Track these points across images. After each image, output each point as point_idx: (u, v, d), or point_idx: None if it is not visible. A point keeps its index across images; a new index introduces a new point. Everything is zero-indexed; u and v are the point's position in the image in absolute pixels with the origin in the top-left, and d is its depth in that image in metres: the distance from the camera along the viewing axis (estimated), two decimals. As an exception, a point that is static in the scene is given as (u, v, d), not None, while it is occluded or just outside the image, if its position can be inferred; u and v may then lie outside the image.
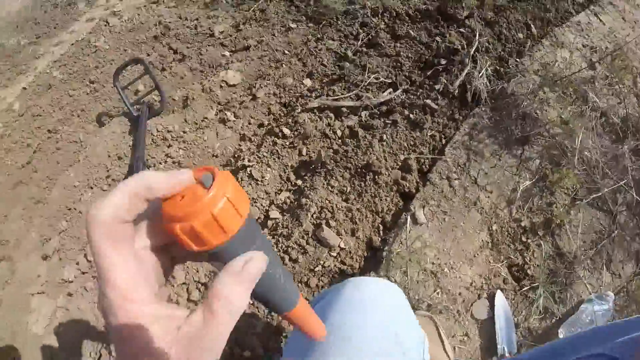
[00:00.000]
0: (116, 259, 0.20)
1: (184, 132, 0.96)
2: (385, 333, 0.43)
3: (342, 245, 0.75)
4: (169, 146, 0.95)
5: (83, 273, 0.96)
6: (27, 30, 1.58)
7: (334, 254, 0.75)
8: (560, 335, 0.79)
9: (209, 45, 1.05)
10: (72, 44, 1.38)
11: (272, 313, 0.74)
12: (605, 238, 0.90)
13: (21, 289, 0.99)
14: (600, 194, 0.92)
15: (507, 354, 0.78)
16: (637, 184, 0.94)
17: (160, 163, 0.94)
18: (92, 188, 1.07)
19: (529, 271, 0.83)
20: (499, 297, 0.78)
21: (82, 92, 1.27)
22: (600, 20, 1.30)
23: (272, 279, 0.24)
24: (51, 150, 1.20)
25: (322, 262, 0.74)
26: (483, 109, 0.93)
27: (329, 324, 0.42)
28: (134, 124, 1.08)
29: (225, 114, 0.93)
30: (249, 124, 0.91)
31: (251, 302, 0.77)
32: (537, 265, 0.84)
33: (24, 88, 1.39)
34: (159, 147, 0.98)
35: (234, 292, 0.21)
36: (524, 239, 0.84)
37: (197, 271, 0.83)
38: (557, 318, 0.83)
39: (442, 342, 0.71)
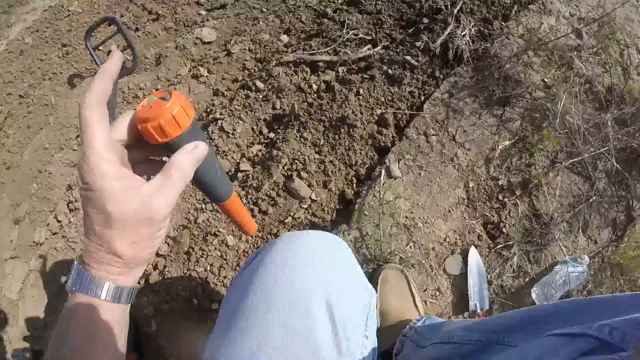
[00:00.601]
0: (98, 131, 0.28)
1: (156, 89, 0.93)
2: (313, 299, 0.38)
3: (314, 197, 0.73)
4: (140, 104, 0.93)
5: (53, 234, 0.96)
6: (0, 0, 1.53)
7: (305, 206, 0.73)
8: (533, 295, 0.79)
9: (184, 4, 1.03)
10: (45, 10, 1.34)
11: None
12: (582, 202, 0.90)
13: None
14: (580, 158, 0.91)
15: (478, 310, 0.78)
16: (618, 152, 0.94)
17: (132, 120, 0.92)
18: (62, 149, 1.05)
19: (504, 229, 0.83)
20: (473, 253, 0.78)
21: (54, 55, 1.24)
22: (590, -8, 1.29)
23: (212, 167, 0.34)
24: (22, 115, 1.18)
25: (292, 214, 0.73)
26: (465, 68, 0.91)
27: (254, 290, 0.39)
28: (107, 83, 1.06)
29: (199, 69, 0.90)
30: (223, 79, 0.89)
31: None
32: (513, 225, 0.84)
33: None
34: (130, 105, 0.96)
35: (186, 163, 0.30)
36: (500, 197, 0.84)
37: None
38: (531, 277, 0.84)
39: (413, 296, 0.71)
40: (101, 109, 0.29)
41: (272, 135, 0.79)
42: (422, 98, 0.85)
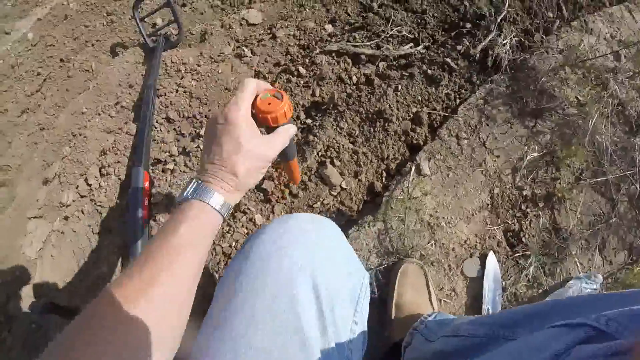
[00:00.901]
0: (246, 101, 0.42)
1: (199, 65, 0.96)
2: (300, 282, 0.38)
3: (344, 185, 0.76)
4: (182, 77, 0.96)
5: (82, 197, 0.97)
6: (47, -39, 1.56)
7: (335, 193, 0.76)
8: None
9: (232, -16, 1.05)
10: None
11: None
12: (602, 222, 0.91)
13: (19, 213, 1.01)
14: (605, 178, 0.93)
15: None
16: (642, 178, 0.94)
17: (171, 92, 0.95)
18: (99, 114, 1.08)
19: (523, 239, 0.84)
20: (491, 258, 0.80)
21: (98, 23, 1.27)
22: (633, 17, 1.29)
23: (292, 140, 0.50)
24: (62, 79, 1.21)
25: (322, 200, 0.75)
26: (502, 77, 0.92)
27: (244, 273, 0.39)
28: (149, 55, 1.09)
29: (243, 49, 0.93)
30: (265, 61, 0.91)
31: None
32: (533, 235, 0.86)
33: (39, 19, 1.39)
34: (171, 78, 0.98)
35: (287, 133, 0.46)
36: (523, 207, 0.86)
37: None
38: (544, 289, 0.85)
39: (429, 292, 0.73)
40: (251, 96, 0.43)
41: (309, 121, 0.82)
42: (458, 101, 0.87)
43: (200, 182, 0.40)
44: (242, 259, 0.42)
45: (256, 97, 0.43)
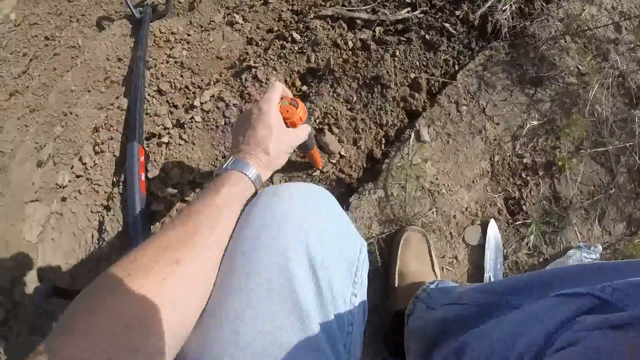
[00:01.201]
0: (275, 101, 0.51)
1: (189, 34, 0.92)
2: (294, 257, 0.37)
3: (343, 153, 0.74)
4: (172, 48, 0.92)
5: (77, 177, 0.94)
6: None
7: (334, 161, 0.74)
8: None
9: (222, -50, 1.01)
10: None
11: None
12: (602, 193, 0.91)
13: (15, 198, 0.98)
14: (604, 149, 0.92)
15: (491, 283, 0.79)
16: (642, 150, 0.94)
17: (162, 64, 0.91)
18: (89, 91, 1.04)
19: (524, 207, 0.84)
20: (492, 226, 0.79)
21: None
22: (634, -11, 1.27)
23: (310, 135, 0.62)
24: (48, 57, 1.16)
25: (321, 168, 0.73)
26: (501, 43, 0.91)
27: (238, 251, 0.38)
28: (136, 26, 1.04)
29: (234, 16, 0.89)
30: (258, 28, 0.88)
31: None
32: (533, 204, 0.85)
33: None
34: (161, 49, 0.95)
35: (306, 129, 0.57)
36: (523, 175, 0.85)
37: (192, 172, 0.82)
38: (545, 258, 0.85)
39: (432, 260, 0.72)
40: (279, 96, 0.53)
41: (304, 88, 0.79)
42: (457, 67, 0.85)
43: (237, 158, 0.48)
44: (236, 236, 0.40)
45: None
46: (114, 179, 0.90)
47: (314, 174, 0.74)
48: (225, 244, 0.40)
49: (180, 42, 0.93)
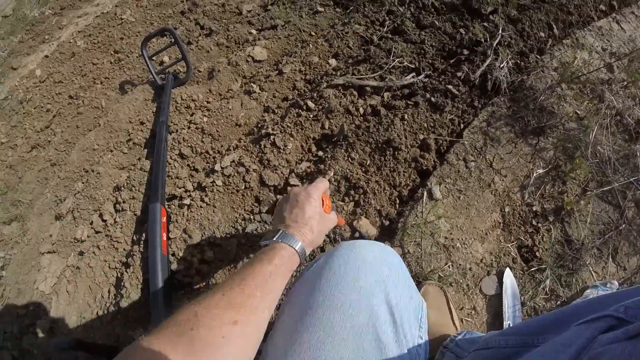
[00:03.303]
0: (320, 190, 0.63)
1: (208, 101, 1.04)
2: (377, 300, 0.44)
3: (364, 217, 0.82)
4: (192, 114, 1.03)
5: (97, 232, 1.00)
6: (52, 1, 1.68)
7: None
8: None
9: (236, 23, 1.14)
10: (97, 16, 1.47)
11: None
12: (612, 230, 0.97)
13: (31, 248, 1.05)
14: (610, 187, 1.00)
15: (512, 332, 0.85)
16: (647, 183, 1.02)
17: (183, 129, 1.02)
18: (112, 151, 1.13)
19: (537, 253, 0.90)
20: (508, 275, 0.85)
21: (105, 61, 1.35)
22: (622, 28, 1.40)
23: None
24: (71, 115, 1.27)
25: (338, 230, 0.82)
26: (502, 99, 1.01)
27: (318, 289, 0.46)
28: (158, 92, 1.17)
29: (251, 86, 1.01)
30: (274, 97, 0.99)
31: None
32: (546, 249, 0.92)
33: (46, 56, 1.48)
34: (182, 115, 1.06)
35: (334, 214, 0.67)
36: (534, 222, 0.92)
37: (213, 233, 0.90)
38: (562, 300, 0.90)
39: (451, 312, 0.79)
40: (323, 189, 0.64)
41: (320, 153, 0.89)
42: (462, 126, 0.95)
43: (287, 232, 0.55)
44: (314, 279, 0.48)
45: None
46: (134, 237, 0.95)
47: (331, 236, 0.82)
48: (274, 307, 0.46)
49: (200, 109, 1.04)
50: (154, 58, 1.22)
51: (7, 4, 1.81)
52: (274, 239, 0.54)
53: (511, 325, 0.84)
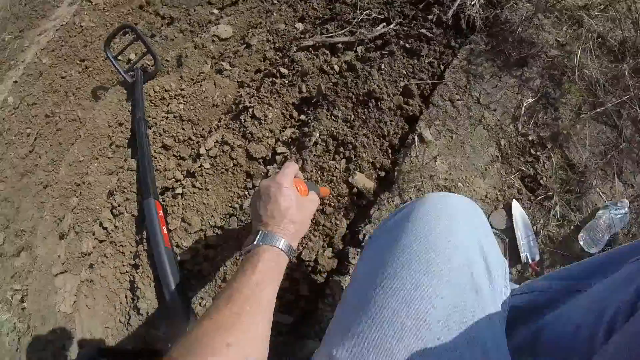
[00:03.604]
0: (290, 177, 0.58)
1: (182, 88, 1.01)
2: (472, 247, 0.43)
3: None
4: (168, 104, 1.00)
5: (101, 242, 1.00)
6: (10, 26, 1.63)
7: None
8: (581, 241, 0.83)
9: (196, 6, 1.11)
10: (57, 30, 1.43)
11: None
12: (613, 149, 0.95)
13: (44, 273, 1.02)
14: (604, 108, 0.97)
15: (530, 261, 0.82)
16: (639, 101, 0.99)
17: (161, 120, 0.99)
18: (97, 159, 1.11)
19: (541, 181, 0.88)
20: (516, 206, 0.83)
21: (74, 71, 1.32)
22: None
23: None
24: (52, 134, 1.25)
25: (327, 200, 0.79)
26: (478, 35, 0.98)
27: (407, 233, 0.43)
28: (130, 90, 1.14)
29: (221, 64, 0.98)
30: (246, 71, 0.96)
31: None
32: (550, 176, 0.89)
33: (15, 82, 1.44)
34: (158, 107, 1.03)
35: (316, 197, 0.65)
36: (533, 151, 0.89)
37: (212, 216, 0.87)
38: (575, 225, 0.88)
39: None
40: (294, 173, 0.60)
41: (302, 117, 0.86)
42: (442, 67, 0.92)
43: (266, 231, 0.52)
44: (400, 226, 0.45)
45: None
46: (137, 237, 0.94)
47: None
48: (270, 317, 0.45)
49: (175, 98, 1.01)
50: (119, 58, 1.18)
51: (-35, 41, 1.76)
52: (255, 242, 0.51)
53: (528, 256, 0.82)
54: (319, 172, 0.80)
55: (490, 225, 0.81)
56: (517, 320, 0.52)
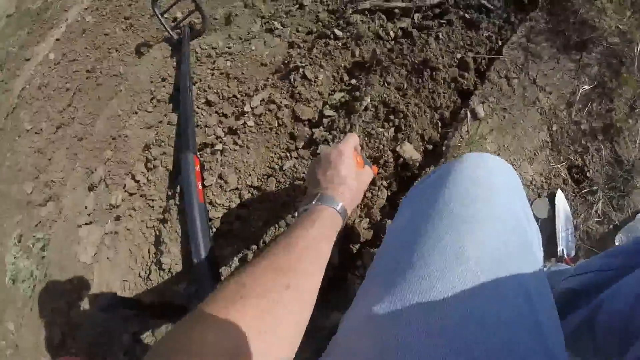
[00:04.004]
0: (351, 145, 0.57)
1: (229, 47, 0.93)
2: (514, 202, 0.38)
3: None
4: (214, 62, 0.94)
5: (131, 195, 0.94)
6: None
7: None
8: (617, 242, 0.77)
9: (248, -37, 1.02)
10: None
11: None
12: (663, 150, 0.86)
13: (69, 223, 0.99)
14: (660, 105, 0.87)
15: (565, 256, 0.76)
16: (697, 101, 0.89)
17: (207, 77, 0.93)
18: (136, 112, 1.06)
19: (588, 174, 0.80)
20: (560, 197, 0.76)
21: (118, 29, 1.25)
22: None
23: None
24: (91, 89, 1.19)
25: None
26: (539, 13, 0.88)
27: (450, 188, 0.38)
28: (176, 48, 1.07)
29: (272, 23, 0.90)
30: (297, 31, 0.89)
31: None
32: (596, 170, 0.81)
33: (57, 39, 1.38)
34: (204, 65, 0.97)
35: (368, 167, 0.61)
36: (583, 141, 0.81)
37: (250, 175, 0.83)
38: (615, 224, 0.81)
39: None
40: (354, 144, 0.57)
41: (353, 81, 0.79)
42: (500, 42, 0.83)
43: (325, 194, 0.50)
44: (439, 183, 0.41)
45: None
46: (169, 192, 0.89)
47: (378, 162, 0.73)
48: (323, 272, 0.42)
49: (222, 55, 0.94)
50: (166, 15, 1.11)
51: (8, 3, 1.69)
52: (313, 203, 0.49)
53: (564, 250, 0.76)
54: (366, 139, 0.74)
55: (532, 213, 0.75)
56: (574, 303, 0.47)
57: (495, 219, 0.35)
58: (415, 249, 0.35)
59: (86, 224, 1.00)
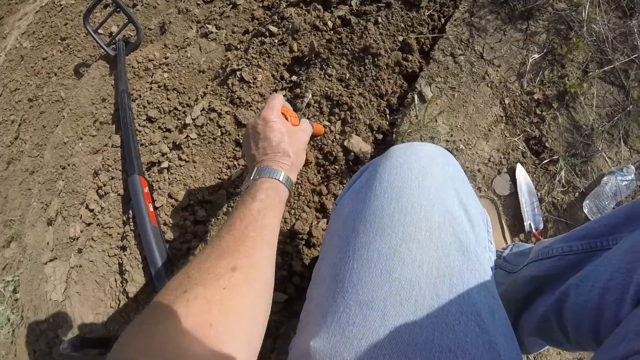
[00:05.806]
0: (277, 108, 0.52)
1: (166, 57, 0.88)
2: (449, 199, 0.35)
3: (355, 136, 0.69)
4: (152, 75, 0.88)
5: (88, 225, 0.90)
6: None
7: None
8: (585, 209, 0.75)
9: (179, -31, 0.96)
10: (37, 11, 1.28)
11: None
12: (620, 112, 0.84)
13: (35, 262, 0.95)
14: (612, 66, 0.85)
15: (533, 230, 0.73)
16: (648, 60, 0.87)
17: (146, 92, 0.87)
18: (81, 138, 1.00)
19: (547, 144, 0.77)
20: (520, 170, 0.73)
21: (55, 51, 1.19)
22: None
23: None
24: (35, 117, 1.14)
25: (321, 139, 0.68)
26: (481, -14, 0.85)
27: (378, 194, 0.35)
28: (113, 64, 1.01)
29: (207, 27, 0.85)
30: (233, 32, 0.83)
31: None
32: (555, 139, 0.79)
33: None
34: (142, 79, 0.91)
35: (305, 121, 0.60)
36: (538, 111, 0.78)
37: (201, 190, 0.77)
38: (580, 191, 0.78)
39: (502, 227, 0.67)
40: (280, 105, 0.54)
41: (294, 78, 0.74)
42: (443, 20, 0.79)
43: (262, 166, 0.47)
44: (367, 188, 0.38)
45: None
46: (124, 218, 0.86)
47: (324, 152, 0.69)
48: (274, 244, 0.40)
49: (159, 67, 0.89)
50: (100, 31, 1.04)
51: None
52: (252, 178, 0.46)
53: (532, 224, 0.73)
54: (313, 136, 0.69)
55: (494, 192, 0.72)
56: (539, 290, 0.44)
57: (432, 232, 0.32)
58: (347, 274, 0.32)
59: (51, 260, 0.95)
